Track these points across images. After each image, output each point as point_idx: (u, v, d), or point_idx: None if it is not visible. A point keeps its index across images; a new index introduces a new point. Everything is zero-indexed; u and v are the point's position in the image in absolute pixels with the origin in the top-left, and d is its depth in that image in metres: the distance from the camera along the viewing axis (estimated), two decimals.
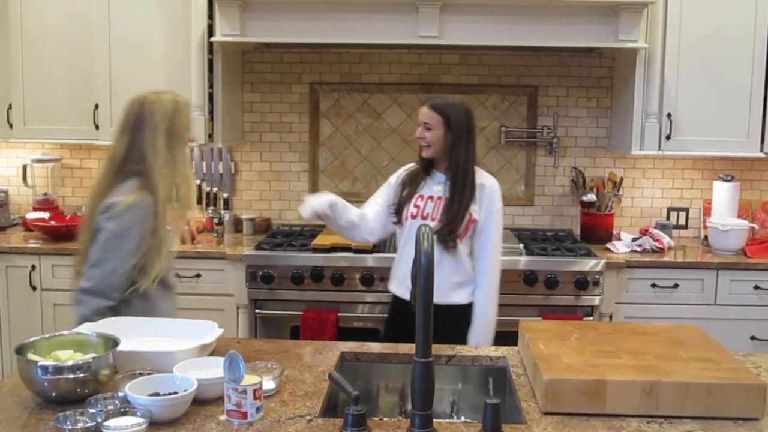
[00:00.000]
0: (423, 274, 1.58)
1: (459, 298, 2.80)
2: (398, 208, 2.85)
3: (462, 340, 2.68)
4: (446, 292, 2.72)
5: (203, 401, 1.77)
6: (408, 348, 2.23)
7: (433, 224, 2.72)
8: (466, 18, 3.52)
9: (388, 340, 2.58)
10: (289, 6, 3.55)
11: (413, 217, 2.79)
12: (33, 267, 3.72)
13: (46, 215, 4.06)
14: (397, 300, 2.88)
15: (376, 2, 3.51)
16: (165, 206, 2.37)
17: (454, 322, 2.74)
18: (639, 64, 3.67)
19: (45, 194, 4.21)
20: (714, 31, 3.66)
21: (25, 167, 4.23)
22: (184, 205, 2.48)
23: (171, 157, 2.38)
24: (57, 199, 4.27)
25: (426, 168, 2.86)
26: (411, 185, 2.86)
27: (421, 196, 2.82)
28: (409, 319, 2.72)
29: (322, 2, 3.52)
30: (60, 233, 3.87)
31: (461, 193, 2.74)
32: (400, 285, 2.85)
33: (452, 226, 2.72)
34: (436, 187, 2.82)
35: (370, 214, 2.90)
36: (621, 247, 3.77)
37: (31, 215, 4.04)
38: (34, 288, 3.74)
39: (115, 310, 2.31)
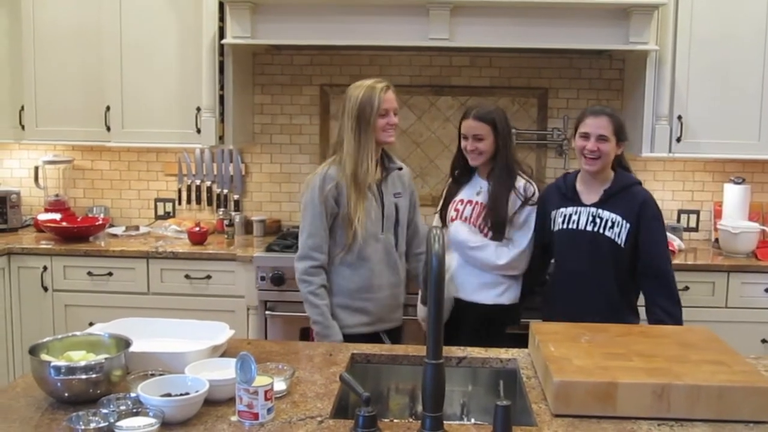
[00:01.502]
0: (434, 277, 1.58)
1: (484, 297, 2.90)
2: (441, 214, 3.00)
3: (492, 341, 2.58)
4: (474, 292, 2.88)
5: (215, 402, 1.78)
6: (418, 350, 2.24)
7: (467, 227, 2.86)
8: (477, 20, 3.52)
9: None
10: (299, 8, 3.56)
11: (452, 220, 2.92)
12: (45, 268, 3.74)
13: (57, 216, 4.09)
14: None
15: (387, 4, 3.52)
16: (351, 184, 2.63)
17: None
18: (649, 67, 3.66)
19: (56, 195, 4.24)
20: (724, 33, 3.64)
21: (36, 169, 4.26)
22: (362, 185, 2.65)
23: (356, 140, 2.63)
24: (68, 201, 4.29)
25: (463, 173, 2.96)
26: (450, 190, 3.01)
27: (461, 201, 2.93)
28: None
29: (332, 4, 3.53)
30: (71, 234, 3.89)
31: (504, 196, 2.82)
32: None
33: (499, 223, 2.83)
34: (476, 192, 2.90)
35: None
36: None
37: (43, 216, 4.07)
38: (45, 289, 3.76)
39: (326, 274, 2.70)
